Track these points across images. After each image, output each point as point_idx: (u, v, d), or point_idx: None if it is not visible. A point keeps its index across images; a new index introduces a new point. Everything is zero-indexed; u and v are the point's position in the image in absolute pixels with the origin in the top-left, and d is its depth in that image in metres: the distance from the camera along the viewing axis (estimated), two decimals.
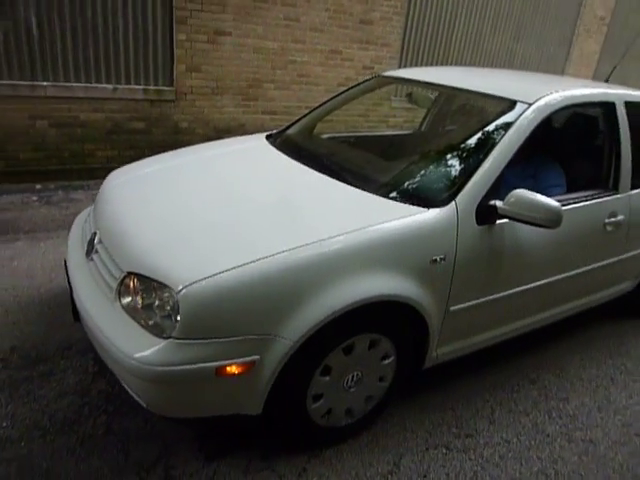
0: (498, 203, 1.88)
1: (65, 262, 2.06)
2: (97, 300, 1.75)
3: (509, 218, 1.90)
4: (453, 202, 1.87)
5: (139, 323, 1.59)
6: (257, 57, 5.02)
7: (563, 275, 2.30)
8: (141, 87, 4.60)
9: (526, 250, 2.08)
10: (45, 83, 4.20)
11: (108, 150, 4.65)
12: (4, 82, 4.05)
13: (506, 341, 2.33)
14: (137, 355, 1.51)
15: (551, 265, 2.24)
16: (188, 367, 1.50)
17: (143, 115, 4.69)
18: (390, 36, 5.68)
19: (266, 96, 5.22)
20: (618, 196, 2.43)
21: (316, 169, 2.15)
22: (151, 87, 4.66)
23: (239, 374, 1.56)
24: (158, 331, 1.54)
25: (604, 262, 2.48)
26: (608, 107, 2.42)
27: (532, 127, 2.05)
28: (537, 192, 2.37)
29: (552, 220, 1.84)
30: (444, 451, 1.96)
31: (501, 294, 2.08)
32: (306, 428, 1.80)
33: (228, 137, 3.22)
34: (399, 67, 5.93)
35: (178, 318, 1.49)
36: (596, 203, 2.34)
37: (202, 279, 1.51)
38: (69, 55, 4.24)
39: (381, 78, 2.94)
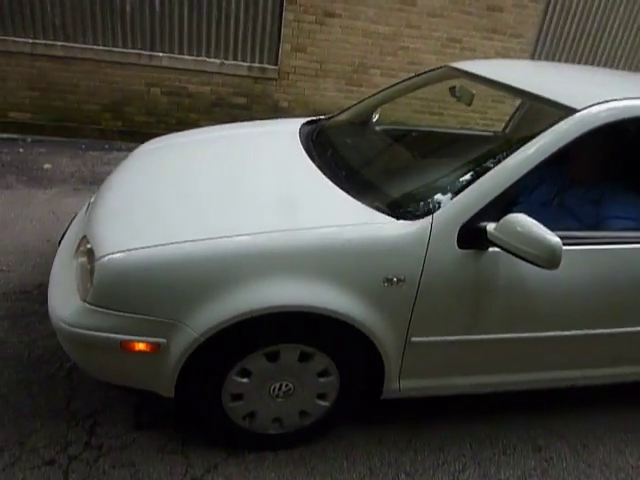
0: (490, 227, 1.55)
1: None
2: (67, 254, 1.87)
3: (499, 247, 1.56)
4: (430, 217, 1.58)
5: (77, 284, 1.66)
6: (366, 41, 4.86)
7: (595, 331, 1.83)
8: (246, 64, 4.77)
9: (533, 291, 1.68)
10: (161, 54, 4.59)
11: (210, 121, 4.94)
12: (130, 51, 4.53)
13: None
14: (57, 312, 1.58)
15: (576, 316, 1.79)
16: (95, 333, 1.52)
17: (245, 91, 4.88)
18: (523, 26, 5.04)
19: (371, 82, 5.04)
20: None
21: (314, 161, 2.00)
22: (256, 64, 4.81)
23: (145, 352, 1.54)
24: (83, 295, 1.59)
25: None
26: None
27: (570, 139, 1.63)
28: (598, 222, 1.94)
29: (545, 259, 1.46)
30: None
31: (486, 336, 1.73)
32: (224, 425, 1.72)
33: None
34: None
35: (92, 284, 1.52)
36: None
37: (121, 251, 1.51)
38: (184, 29, 4.57)
39: (448, 69, 2.61)
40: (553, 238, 1.44)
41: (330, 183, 1.81)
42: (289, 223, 1.57)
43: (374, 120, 2.52)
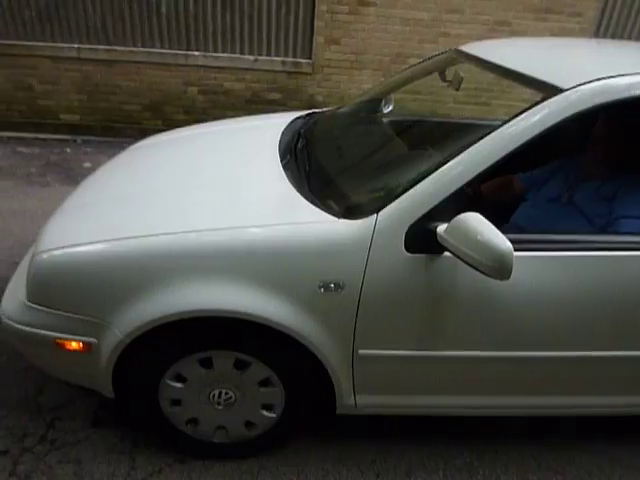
0: (440, 228, 1.35)
1: None
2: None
3: (449, 252, 1.35)
4: (373, 216, 1.41)
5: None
6: (403, 29, 4.62)
7: (572, 354, 1.55)
8: (280, 59, 4.72)
9: (499, 305, 1.45)
10: (197, 53, 4.66)
11: None
12: (167, 51, 4.65)
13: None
14: (4, 307, 1.60)
15: (552, 335, 1.53)
16: (32, 330, 1.52)
17: (280, 86, 4.83)
18: (582, 3, 4.53)
19: None
20: None
21: (282, 158, 1.87)
22: (289, 59, 4.74)
23: (79, 352, 1.52)
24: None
25: None
26: None
27: (550, 124, 1.38)
28: (609, 222, 1.66)
29: (491, 267, 1.24)
30: None
31: (445, 353, 1.52)
32: (166, 430, 1.67)
33: None
34: None
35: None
36: None
37: (55, 249, 1.49)
38: (218, 27, 4.60)
39: (452, 53, 2.36)
40: (502, 243, 1.22)
41: (287, 181, 1.68)
42: (221, 222, 1.47)
43: (367, 112, 2.34)
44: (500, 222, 1.97)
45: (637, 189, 1.74)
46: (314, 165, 1.79)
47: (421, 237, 1.38)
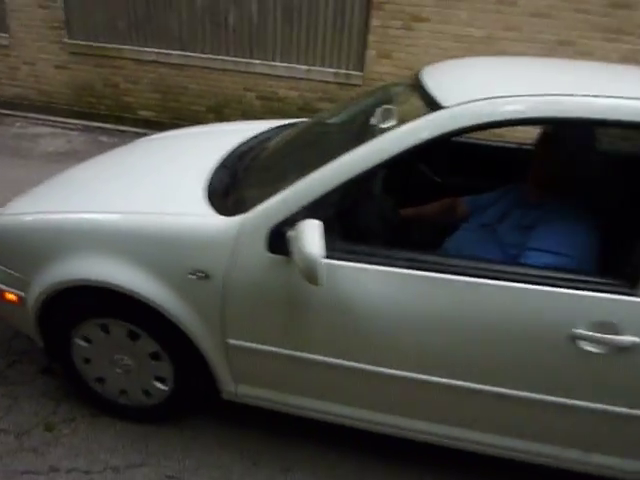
0: (290, 232, 1.44)
1: None
2: None
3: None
4: (242, 215, 1.53)
5: None
6: (457, 46, 4.54)
7: (435, 379, 1.51)
8: (332, 70, 4.88)
9: (360, 315, 1.48)
10: (256, 61, 5.00)
11: None
12: (231, 58, 5.05)
13: None
14: None
15: (412, 354, 1.51)
16: None
17: (331, 96, 4.99)
18: None
19: None
20: (629, 299, 1.35)
21: (222, 158, 2.03)
22: (342, 71, 4.88)
23: (15, 303, 1.83)
24: None
25: (571, 401, 1.46)
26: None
27: (417, 142, 1.40)
28: (520, 252, 1.62)
29: (304, 272, 1.31)
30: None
31: (311, 356, 1.57)
32: (80, 385, 1.92)
33: None
34: None
35: None
36: (559, 294, 1.38)
37: (11, 219, 1.81)
38: (277, 38, 4.90)
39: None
40: (313, 250, 1.28)
41: (203, 180, 1.82)
42: (123, 207, 1.69)
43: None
44: (429, 241, 1.98)
45: (555, 221, 1.65)
46: (234, 170, 1.93)
47: (280, 240, 1.47)
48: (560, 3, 4.21)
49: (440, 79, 1.69)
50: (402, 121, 1.48)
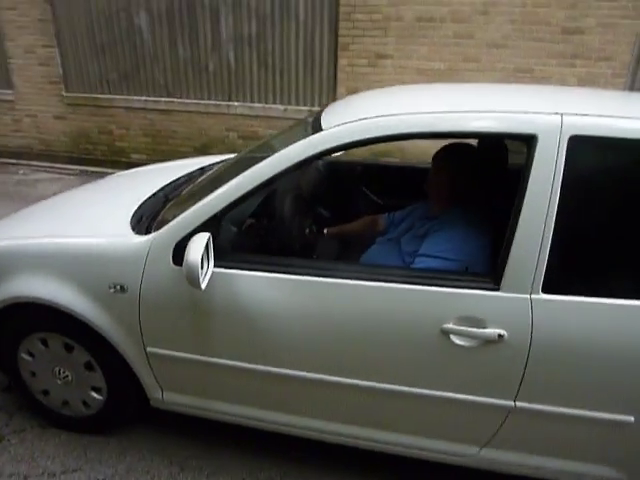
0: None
1: None
2: None
3: None
4: (153, 234, 1.73)
5: None
6: (420, 79, 4.78)
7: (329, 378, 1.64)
8: (307, 108, 5.17)
9: (252, 320, 1.63)
10: (236, 103, 5.33)
11: None
12: (212, 102, 5.40)
13: None
14: None
15: (303, 355, 1.65)
16: None
17: None
18: (612, 47, 4.28)
19: None
20: (494, 294, 1.48)
21: (158, 189, 2.27)
22: (315, 108, 5.16)
23: None
24: None
25: (451, 395, 1.57)
26: (529, 142, 1.47)
27: (297, 160, 1.59)
28: (413, 259, 1.78)
29: (187, 276, 1.49)
30: None
31: (221, 361, 1.71)
32: (28, 397, 2.09)
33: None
34: (628, 88, 4.40)
35: None
36: (428, 292, 1.51)
37: None
38: (254, 81, 5.24)
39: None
40: (192, 256, 1.46)
41: (133, 208, 2.03)
42: (57, 232, 1.90)
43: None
44: (352, 256, 2.14)
45: (445, 229, 1.80)
46: (160, 199, 2.14)
47: (182, 253, 1.65)
48: (514, 34, 4.45)
49: (334, 109, 1.89)
50: None
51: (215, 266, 1.63)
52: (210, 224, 1.64)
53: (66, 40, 5.59)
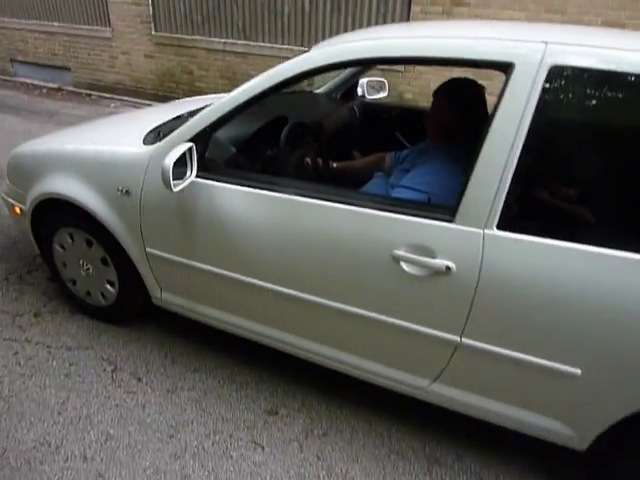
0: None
1: None
2: None
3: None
4: (155, 144, 1.90)
5: None
6: None
7: (313, 297, 1.73)
8: None
9: (228, 229, 1.76)
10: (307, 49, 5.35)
11: None
12: (285, 46, 5.48)
13: None
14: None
15: (273, 268, 1.76)
16: (7, 199, 2.44)
17: None
18: None
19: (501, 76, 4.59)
20: (446, 225, 1.48)
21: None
22: None
23: (20, 215, 2.38)
24: None
25: (405, 324, 1.60)
26: (505, 72, 1.41)
27: (280, 79, 1.68)
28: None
29: (162, 178, 1.64)
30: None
31: (204, 266, 1.88)
32: (62, 284, 2.42)
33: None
34: None
35: None
36: (383, 217, 1.54)
37: (21, 150, 2.37)
38: (326, 26, 5.22)
39: None
40: (167, 160, 1.60)
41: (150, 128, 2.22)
42: (84, 142, 2.15)
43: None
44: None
45: (426, 163, 1.79)
46: (185, 119, 2.29)
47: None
48: None
49: (331, 40, 1.90)
50: None
51: (203, 177, 1.77)
52: (200, 137, 1.77)
53: None
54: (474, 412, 1.67)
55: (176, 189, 1.66)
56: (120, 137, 2.18)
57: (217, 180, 1.78)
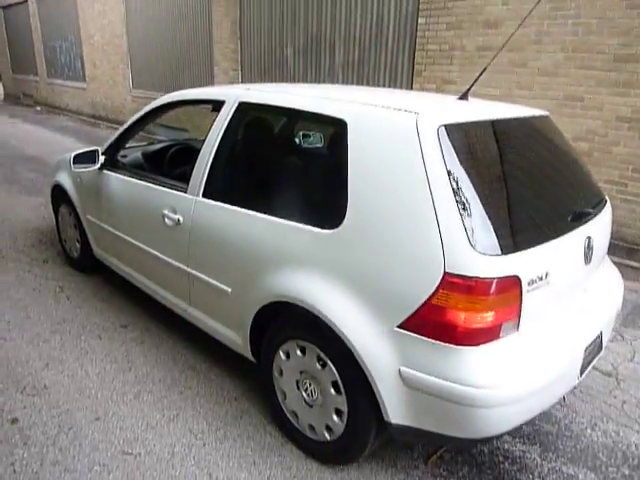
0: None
1: None
2: None
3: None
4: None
5: None
6: None
7: (137, 242, 2.77)
8: None
9: (109, 195, 2.94)
10: None
11: None
12: None
13: None
14: None
15: (128, 224, 2.83)
16: None
17: None
18: None
19: None
20: (182, 195, 2.42)
21: None
22: None
23: None
24: None
25: (169, 260, 2.53)
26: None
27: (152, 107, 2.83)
28: None
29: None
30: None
31: (109, 229, 3.02)
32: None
33: None
34: None
35: None
36: (153, 189, 2.61)
37: None
38: None
39: None
40: (71, 155, 2.81)
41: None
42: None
43: None
44: None
45: None
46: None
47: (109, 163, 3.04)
48: (565, 62, 4.43)
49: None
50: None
51: (109, 170, 2.97)
52: (109, 147, 2.99)
53: (245, 66, 7.71)
54: (210, 331, 2.45)
55: (74, 170, 2.87)
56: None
57: (114, 172, 2.96)
